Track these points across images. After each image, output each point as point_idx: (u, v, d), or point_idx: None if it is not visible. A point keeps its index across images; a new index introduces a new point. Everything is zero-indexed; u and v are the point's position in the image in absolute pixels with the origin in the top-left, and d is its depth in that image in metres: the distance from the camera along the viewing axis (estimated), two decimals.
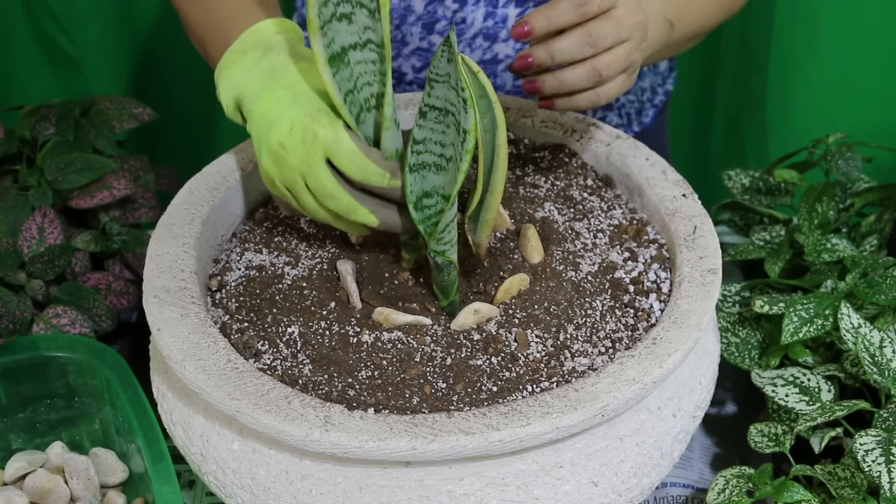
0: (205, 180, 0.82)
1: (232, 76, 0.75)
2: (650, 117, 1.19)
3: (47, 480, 0.82)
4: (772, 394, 0.80)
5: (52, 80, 1.51)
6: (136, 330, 1.02)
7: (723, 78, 1.54)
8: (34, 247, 0.94)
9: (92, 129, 1.04)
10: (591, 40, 0.72)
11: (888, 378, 0.77)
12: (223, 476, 0.69)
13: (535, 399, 0.64)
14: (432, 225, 0.72)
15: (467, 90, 0.65)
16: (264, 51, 0.75)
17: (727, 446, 0.92)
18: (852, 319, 0.80)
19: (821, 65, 1.38)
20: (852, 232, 0.95)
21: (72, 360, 0.85)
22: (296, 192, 0.73)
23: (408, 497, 0.65)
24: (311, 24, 0.67)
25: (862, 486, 0.73)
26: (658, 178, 0.82)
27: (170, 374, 0.73)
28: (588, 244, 0.79)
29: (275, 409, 0.64)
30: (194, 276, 0.74)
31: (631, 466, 0.69)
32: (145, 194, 1.04)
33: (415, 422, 0.63)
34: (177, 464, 0.79)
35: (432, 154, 0.70)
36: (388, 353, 0.70)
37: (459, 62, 0.65)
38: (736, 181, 1.02)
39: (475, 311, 0.73)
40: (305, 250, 0.80)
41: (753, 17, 1.42)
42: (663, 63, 1.20)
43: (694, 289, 0.72)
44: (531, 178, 0.86)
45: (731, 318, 0.89)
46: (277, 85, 0.72)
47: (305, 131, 0.70)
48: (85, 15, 1.45)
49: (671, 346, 0.68)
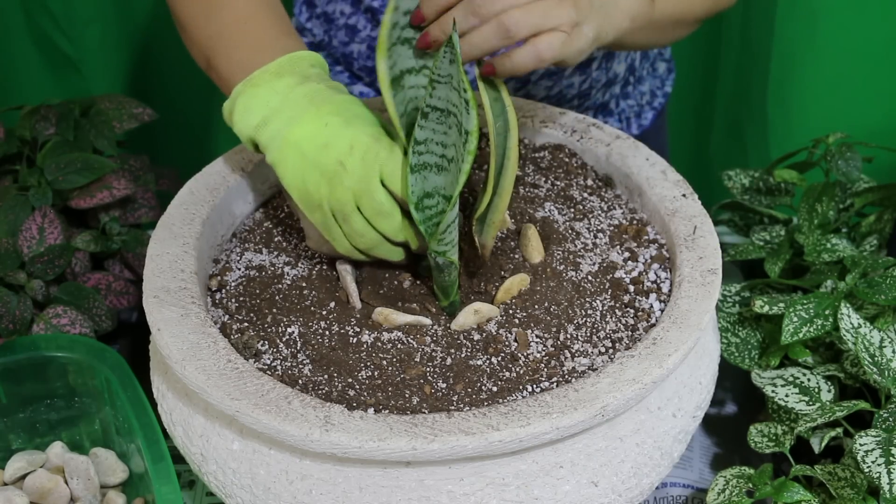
0: (205, 180, 0.82)
1: (261, 96, 0.75)
2: (649, 120, 1.19)
3: (47, 480, 0.82)
4: (772, 394, 0.80)
5: (51, 82, 1.51)
6: (136, 330, 1.02)
7: (723, 78, 1.54)
8: (34, 247, 0.94)
9: (92, 129, 1.04)
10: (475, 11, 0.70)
11: (888, 378, 0.77)
12: (223, 476, 0.69)
13: (535, 399, 0.64)
14: (433, 225, 0.72)
15: (469, 92, 0.65)
16: (302, 79, 0.75)
17: (727, 446, 0.92)
18: (852, 319, 0.80)
19: (821, 65, 1.37)
20: (852, 232, 0.95)
21: (72, 360, 0.85)
22: (345, 214, 0.72)
23: (408, 497, 0.65)
24: (380, 45, 0.69)
25: (862, 487, 0.73)
26: (658, 178, 0.82)
27: (170, 374, 0.73)
28: (588, 244, 0.79)
29: (275, 409, 0.64)
30: (194, 276, 0.74)
31: (631, 466, 0.69)
32: (145, 194, 1.04)
33: (415, 422, 0.63)
34: (177, 464, 0.79)
35: (434, 155, 0.70)
36: (388, 353, 0.70)
37: (461, 64, 0.65)
38: (736, 181, 1.02)
39: (475, 311, 0.73)
40: (305, 250, 0.80)
41: (754, 17, 1.42)
42: (662, 66, 1.20)
43: (694, 289, 0.72)
44: (531, 178, 0.86)
45: (731, 318, 0.89)
46: (322, 111, 0.72)
47: (367, 150, 0.71)
48: (84, 16, 1.45)
49: (671, 346, 0.68)
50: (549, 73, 1.07)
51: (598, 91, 1.12)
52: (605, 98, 1.13)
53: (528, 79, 1.07)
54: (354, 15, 1.07)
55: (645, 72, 1.17)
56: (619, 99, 1.16)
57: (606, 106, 1.15)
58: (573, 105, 1.11)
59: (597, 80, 1.10)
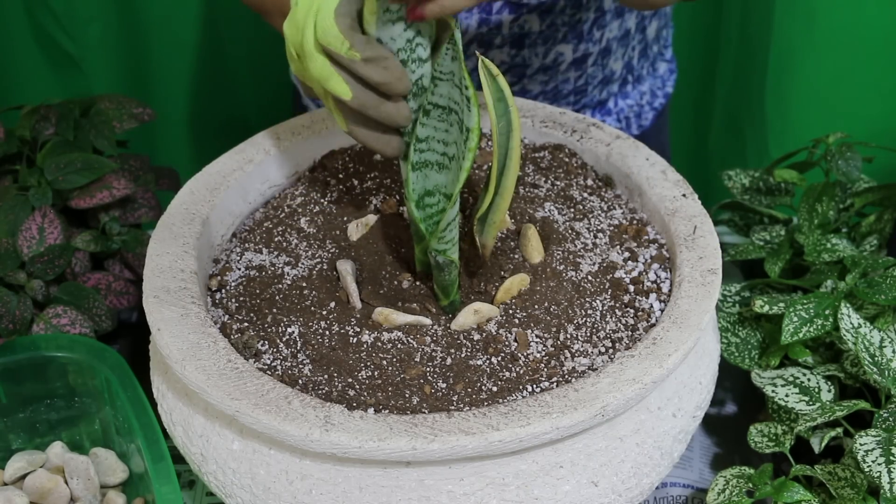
0: (205, 180, 0.82)
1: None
2: (650, 120, 1.19)
3: (47, 480, 0.82)
4: (772, 394, 0.80)
5: (52, 80, 1.52)
6: (136, 330, 1.02)
7: (722, 77, 1.54)
8: (34, 247, 0.94)
9: (92, 129, 1.04)
10: None
11: (888, 378, 0.77)
12: (223, 476, 0.69)
13: (535, 399, 0.64)
14: (434, 224, 0.72)
15: (471, 89, 0.65)
16: None
17: (727, 446, 0.92)
18: (852, 319, 0.80)
19: (820, 64, 1.38)
20: (852, 232, 0.95)
21: (72, 360, 0.85)
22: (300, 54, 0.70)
23: (408, 497, 0.65)
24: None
25: (862, 486, 0.73)
26: (658, 178, 0.82)
27: (170, 374, 0.73)
28: (588, 244, 0.79)
29: (275, 409, 0.64)
30: (194, 276, 0.74)
31: (631, 466, 0.69)
32: (145, 194, 1.04)
33: (415, 422, 0.63)
34: (177, 464, 0.79)
35: (435, 152, 0.70)
36: (388, 353, 0.70)
37: (463, 61, 0.65)
38: (736, 181, 1.02)
39: (475, 311, 0.73)
40: (305, 250, 0.80)
41: (753, 15, 1.42)
42: (663, 66, 1.20)
43: (694, 289, 0.72)
44: (531, 178, 0.86)
45: (731, 318, 0.89)
46: None
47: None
48: (86, 15, 1.45)
49: (671, 346, 0.68)
50: (546, 68, 1.07)
51: (594, 88, 1.12)
52: (602, 96, 1.14)
53: (524, 74, 1.07)
54: None
55: (645, 71, 1.17)
56: (618, 98, 1.16)
57: (605, 104, 1.15)
58: (569, 102, 1.12)
59: (593, 77, 1.10)
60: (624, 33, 1.10)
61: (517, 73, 1.07)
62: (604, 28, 1.07)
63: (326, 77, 0.69)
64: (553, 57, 1.07)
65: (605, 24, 1.07)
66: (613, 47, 1.10)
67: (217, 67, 1.55)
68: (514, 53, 1.06)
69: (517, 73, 1.07)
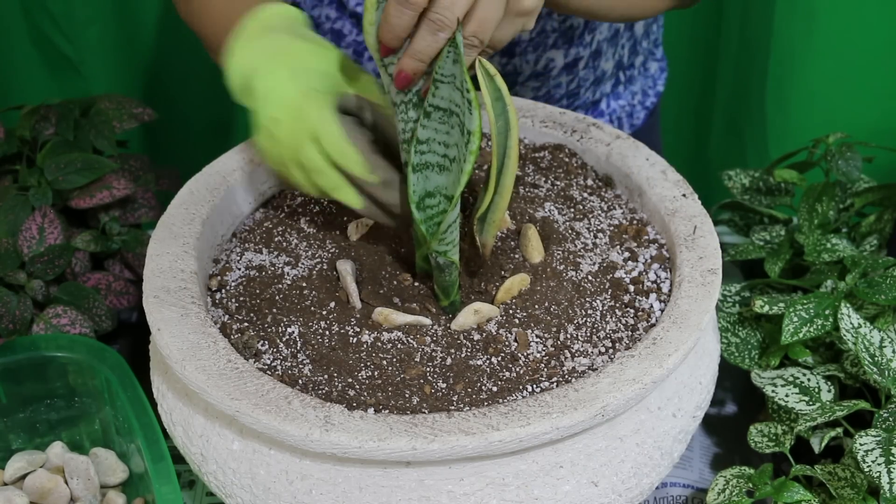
0: (205, 180, 0.82)
1: (238, 59, 0.77)
2: (641, 119, 1.19)
3: (47, 480, 0.82)
4: (772, 394, 0.80)
5: (51, 82, 1.51)
6: (136, 330, 1.02)
7: (722, 78, 1.54)
8: (34, 247, 0.94)
9: (92, 129, 1.04)
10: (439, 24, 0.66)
11: (888, 378, 0.77)
12: (223, 476, 0.69)
13: (535, 399, 0.64)
14: (434, 225, 0.72)
15: (472, 91, 0.65)
16: (265, 31, 0.77)
17: (727, 446, 0.92)
18: (852, 319, 0.80)
19: (820, 64, 1.38)
20: (852, 232, 0.95)
21: (72, 360, 0.85)
22: (287, 168, 0.74)
23: (408, 497, 0.65)
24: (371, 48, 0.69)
25: (862, 486, 0.73)
26: (658, 178, 0.82)
27: (170, 374, 0.73)
28: (588, 244, 0.79)
29: (275, 409, 0.64)
30: (194, 276, 0.74)
31: (631, 466, 0.69)
32: (145, 194, 1.04)
33: (415, 422, 0.63)
34: (177, 464, 0.79)
35: (436, 154, 0.70)
36: (388, 353, 0.70)
37: (464, 64, 0.65)
38: (736, 181, 1.02)
39: (475, 311, 0.73)
40: (305, 250, 0.80)
41: (753, 16, 1.42)
42: (654, 65, 1.20)
43: (694, 289, 0.72)
44: (531, 178, 0.86)
45: (731, 318, 0.89)
46: (278, 63, 0.74)
47: (297, 108, 0.72)
48: (84, 17, 1.45)
49: (671, 346, 0.68)
50: (537, 75, 1.07)
51: (586, 90, 1.12)
52: (595, 97, 1.14)
53: (516, 81, 1.07)
54: (340, 20, 1.07)
55: (636, 72, 1.18)
56: (611, 99, 1.16)
57: (597, 105, 1.15)
58: (562, 105, 1.11)
59: (584, 79, 1.10)
60: (613, 33, 1.10)
61: (509, 80, 1.06)
62: (594, 31, 1.07)
63: (336, 188, 0.73)
64: (544, 63, 1.07)
65: (595, 27, 1.06)
66: (604, 48, 1.09)
67: (216, 68, 1.55)
68: (506, 62, 1.06)
69: (509, 80, 1.06)
